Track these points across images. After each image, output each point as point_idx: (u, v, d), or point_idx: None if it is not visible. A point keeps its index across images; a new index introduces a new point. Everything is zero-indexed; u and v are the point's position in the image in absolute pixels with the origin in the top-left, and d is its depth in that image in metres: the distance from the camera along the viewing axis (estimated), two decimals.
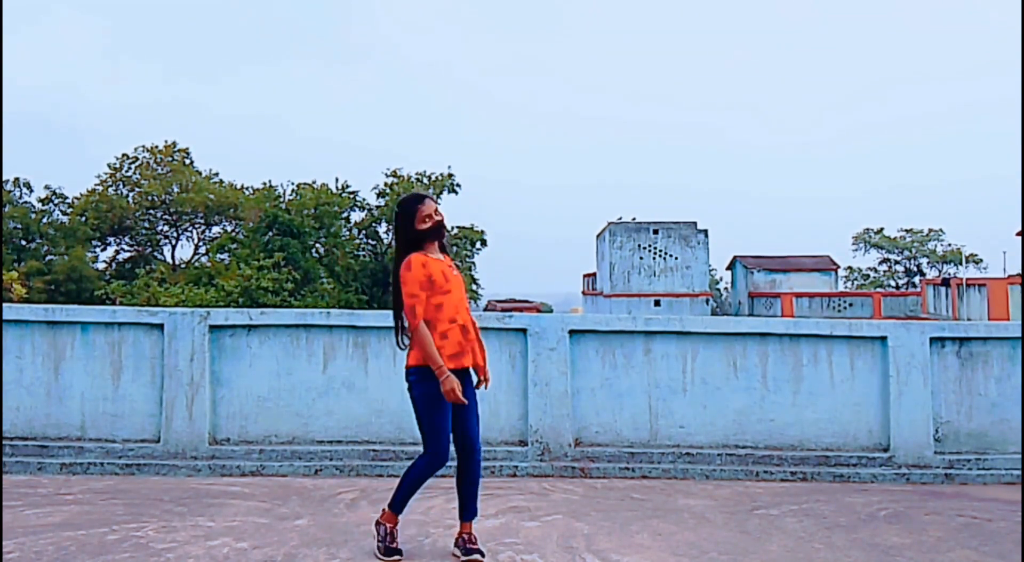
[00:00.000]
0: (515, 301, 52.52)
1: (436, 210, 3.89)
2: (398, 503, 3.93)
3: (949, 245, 56.41)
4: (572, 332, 6.30)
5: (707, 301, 38.06)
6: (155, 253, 48.84)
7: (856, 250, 58.76)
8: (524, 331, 6.28)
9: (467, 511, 3.96)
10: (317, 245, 42.31)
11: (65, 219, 48.17)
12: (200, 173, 48.87)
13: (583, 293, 47.30)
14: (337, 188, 45.44)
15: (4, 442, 6.02)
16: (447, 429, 3.78)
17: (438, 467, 3.78)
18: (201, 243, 49.35)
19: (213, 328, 6.21)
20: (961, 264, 51.05)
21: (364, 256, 45.16)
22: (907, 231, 57.72)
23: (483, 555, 3.91)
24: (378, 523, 4.01)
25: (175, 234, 49.45)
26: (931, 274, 54.46)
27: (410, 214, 3.87)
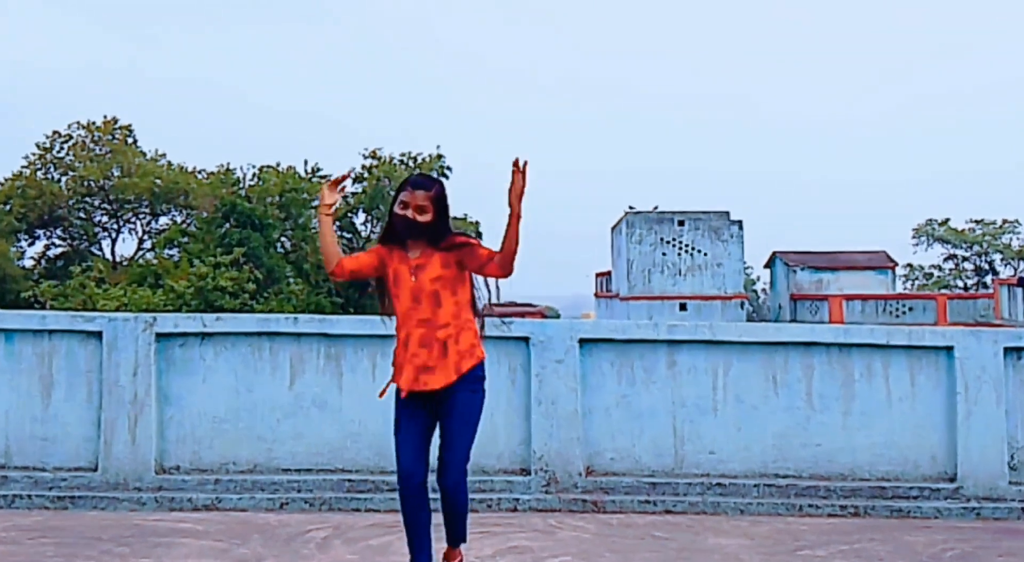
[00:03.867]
0: (515, 305, 51.99)
1: (417, 206, 3.92)
2: (409, 547, 4.05)
3: None
4: (583, 341, 6.28)
5: (742, 305, 38.02)
6: (92, 248, 48.81)
7: (917, 245, 58.75)
8: (526, 340, 6.25)
9: (449, 536, 4.11)
10: (283, 239, 42.32)
11: None
12: (145, 154, 48.84)
13: (595, 295, 47.29)
14: (306, 172, 45.43)
15: None
16: (401, 443, 3.96)
17: (402, 488, 3.94)
18: (146, 237, 49.35)
19: (160, 336, 6.18)
20: None
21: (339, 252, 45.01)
22: (977, 222, 57.67)
23: None
24: None
25: (116, 226, 49.41)
26: (1005, 273, 54.44)
27: (395, 196, 4.03)
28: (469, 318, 4.03)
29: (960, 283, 57.08)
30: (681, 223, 37.78)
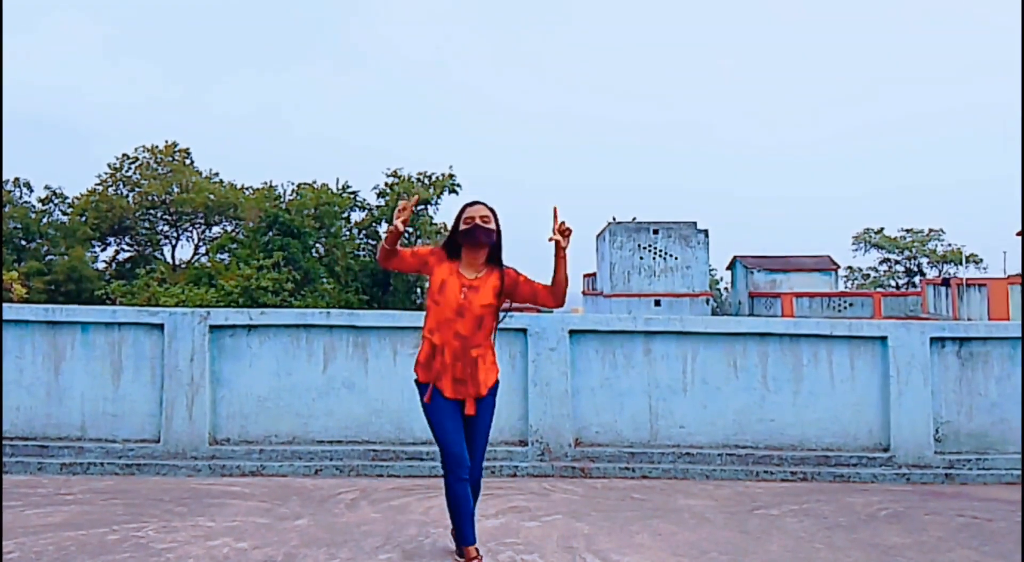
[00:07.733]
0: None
1: (482, 216, 3.75)
2: (455, 532, 3.81)
3: (949, 245, 56.35)
4: (572, 332, 6.26)
5: (707, 301, 37.97)
6: (155, 253, 48.83)
7: (856, 250, 58.72)
8: (524, 331, 6.23)
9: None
10: (317, 245, 42.35)
11: (65, 219, 48.18)
12: (200, 173, 48.87)
13: (583, 293, 47.15)
14: (337, 188, 45.48)
15: (4, 442, 6.02)
16: (448, 430, 3.70)
17: (456, 469, 3.66)
18: (201, 243, 49.36)
19: (213, 328, 6.18)
20: (961, 264, 51.05)
21: (364, 256, 45.11)
22: (907, 231, 57.64)
23: None
24: None
25: (175, 234, 49.45)
26: (931, 274, 54.42)
27: (457, 216, 3.82)
28: (492, 339, 3.87)
29: (893, 283, 57.07)
30: (656, 232, 37.85)
